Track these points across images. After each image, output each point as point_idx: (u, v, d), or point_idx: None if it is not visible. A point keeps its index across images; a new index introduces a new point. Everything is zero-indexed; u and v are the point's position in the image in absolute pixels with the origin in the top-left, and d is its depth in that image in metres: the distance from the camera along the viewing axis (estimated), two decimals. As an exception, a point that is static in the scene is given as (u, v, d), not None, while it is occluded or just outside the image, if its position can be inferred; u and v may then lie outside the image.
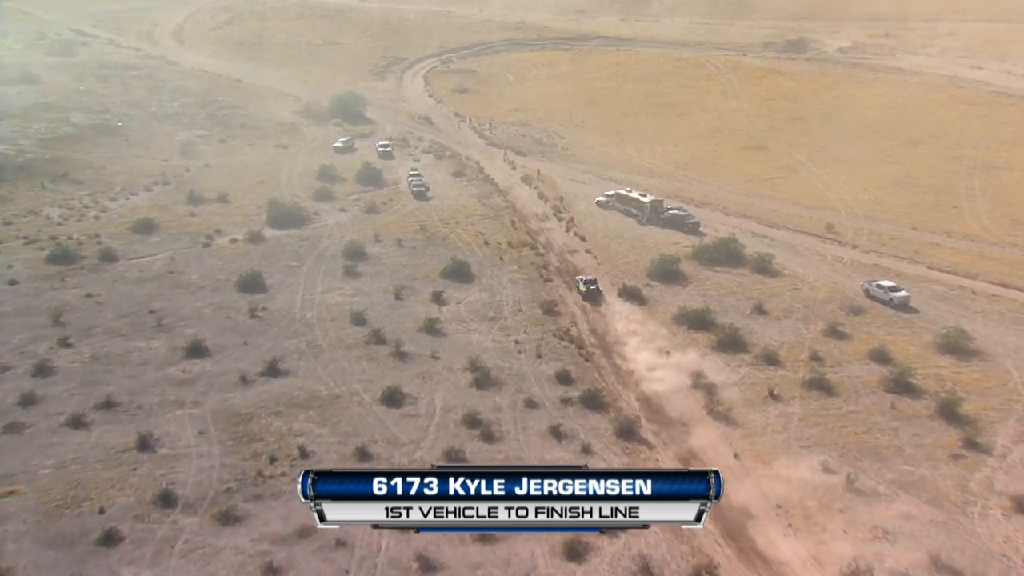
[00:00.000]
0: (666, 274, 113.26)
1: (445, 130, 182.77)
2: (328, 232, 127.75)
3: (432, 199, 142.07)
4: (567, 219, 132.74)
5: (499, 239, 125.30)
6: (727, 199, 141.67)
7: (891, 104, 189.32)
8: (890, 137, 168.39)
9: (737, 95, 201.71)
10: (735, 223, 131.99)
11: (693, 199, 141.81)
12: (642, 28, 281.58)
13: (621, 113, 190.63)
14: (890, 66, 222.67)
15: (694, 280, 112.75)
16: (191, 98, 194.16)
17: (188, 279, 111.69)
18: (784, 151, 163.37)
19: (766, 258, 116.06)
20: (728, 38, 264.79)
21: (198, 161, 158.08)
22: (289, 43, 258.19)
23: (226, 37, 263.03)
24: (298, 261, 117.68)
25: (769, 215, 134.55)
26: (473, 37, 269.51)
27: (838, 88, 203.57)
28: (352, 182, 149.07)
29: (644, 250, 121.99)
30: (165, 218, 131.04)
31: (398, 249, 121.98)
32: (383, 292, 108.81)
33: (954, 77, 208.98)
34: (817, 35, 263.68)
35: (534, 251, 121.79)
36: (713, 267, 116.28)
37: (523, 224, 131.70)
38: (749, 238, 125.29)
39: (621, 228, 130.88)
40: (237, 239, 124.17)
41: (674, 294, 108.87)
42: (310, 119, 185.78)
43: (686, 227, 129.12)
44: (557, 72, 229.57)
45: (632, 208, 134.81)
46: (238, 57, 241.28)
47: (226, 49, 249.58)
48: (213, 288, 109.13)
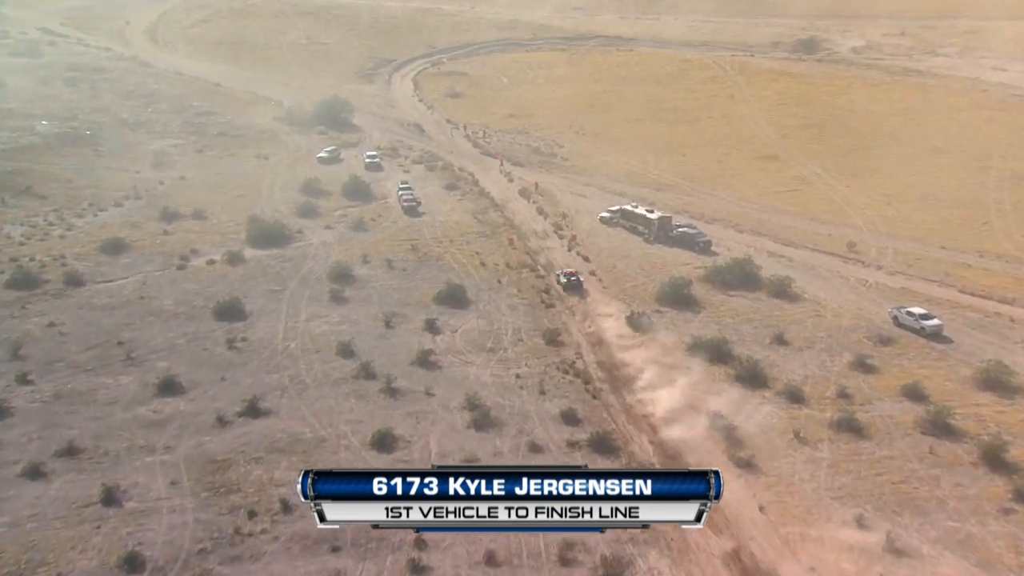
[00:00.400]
0: (677, 299, 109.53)
1: (436, 138, 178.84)
2: (313, 252, 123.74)
3: (424, 215, 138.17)
4: (569, 237, 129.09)
5: (496, 259, 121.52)
6: (739, 214, 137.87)
7: (910, 109, 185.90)
8: (911, 145, 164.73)
9: (746, 99, 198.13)
10: (749, 241, 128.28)
11: (703, 214, 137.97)
12: (643, 27, 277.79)
13: (623, 119, 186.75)
14: (907, 68, 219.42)
15: (708, 306, 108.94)
16: (165, 104, 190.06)
17: (161, 305, 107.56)
18: (798, 161, 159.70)
19: (784, 281, 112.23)
20: (734, 37, 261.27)
21: (172, 173, 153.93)
22: (270, 43, 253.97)
23: (203, 36, 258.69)
24: (280, 285, 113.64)
25: (785, 232, 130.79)
26: (465, 36, 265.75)
27: (853, 92, 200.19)
28: (338, 196, 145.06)
29: (653, 272, 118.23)
30: (136, 237, 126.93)
31: (388, 271, 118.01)
32: (372, 320, 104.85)
33: (977, 80, 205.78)
34: (828, 34, 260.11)
35: (534, 273, 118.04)
36: (728, 291, 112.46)
37: (522, 243, 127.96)
38: (765, 258, 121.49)
39: (627, 247, 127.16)
40: (214, 260, 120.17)
41: (686, 321, 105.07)
42: (293, 126, 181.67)
43: (697, 246, 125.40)
44: (554, 74, 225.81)
45: (638, 225, 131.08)
46: (216, 58, 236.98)
47: (203, 50, 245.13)
48: (188, 315, 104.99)
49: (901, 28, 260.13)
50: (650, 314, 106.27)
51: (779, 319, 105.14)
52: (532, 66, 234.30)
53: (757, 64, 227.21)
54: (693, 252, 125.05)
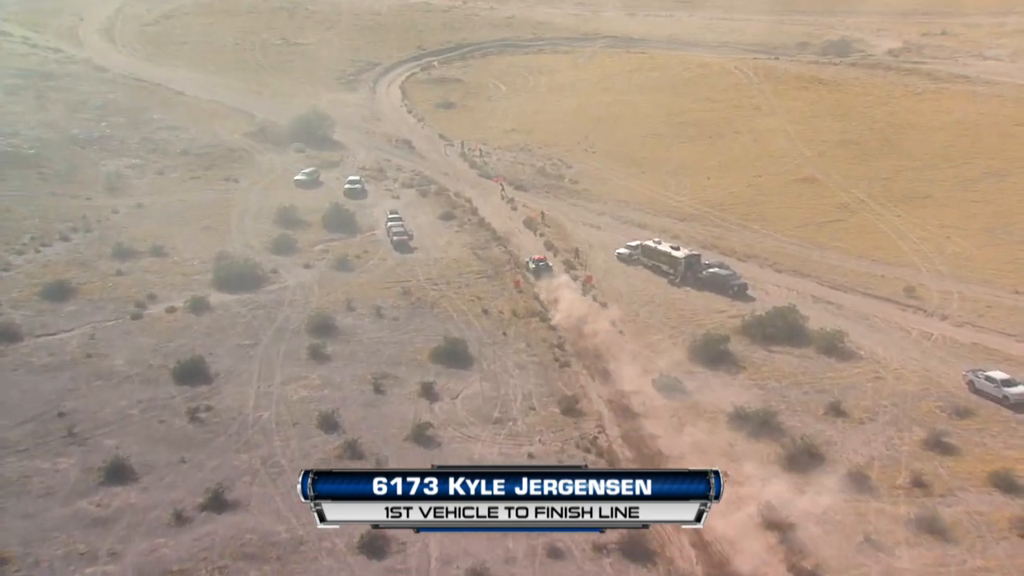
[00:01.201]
0: (712, 356, 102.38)
1: (429, 157, 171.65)
2: (289, 297, 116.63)
3: (416, 250, 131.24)
4: (584, 278, 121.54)
5: (501, 306, 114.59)
6: (777, 251, 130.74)
7: (962, 123, 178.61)
8: (967, 167, 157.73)
9: (774, 111, 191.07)
10: (790, 284, 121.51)
11: (735, 250, 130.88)
12: (654, 25, 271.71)
13: (638, 135, 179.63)
14: (953, 73, 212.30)
15: (748, 365, 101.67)
16: (122, 116, 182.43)
17: (111, 365, 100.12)
18: (839, 185, 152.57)
19: (836, 336, 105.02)
20: (755, 37, 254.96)
21: (128, 199, 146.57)
22: (240, 44, 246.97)
23: (165, 35, 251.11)
24: (252, 338, 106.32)
25: (831, 273, 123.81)
26: (457, 36, 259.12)
27: (894, 102, 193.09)
28: (318, 227, 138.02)
29: (681, 322, 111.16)
30: (85, 278, 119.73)
31: (376, 321, 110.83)
32: (359, 383, 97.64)
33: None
34: (861, 33, 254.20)
35: (545, 323, 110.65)
36: (769, 346, 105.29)
37: (529, 284, 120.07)
38: (810, 305, 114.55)
39: (650, 290, 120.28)
40: (175, 308, 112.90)
41: (724, 384, 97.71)
42: (266, 143, 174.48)
43: (731, 290, 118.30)
44: (558, 81, 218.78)
45: (662, 264, 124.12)
46: (179, 61, 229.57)
47: (165, 51, 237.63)
48: (143, 378, 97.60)
49: (942, 26, 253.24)
50: (681, 375, 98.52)
51: (832, 382, 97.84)
52: (533, 71, 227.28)
53: (784, 69, 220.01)
54: (726, 297, 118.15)
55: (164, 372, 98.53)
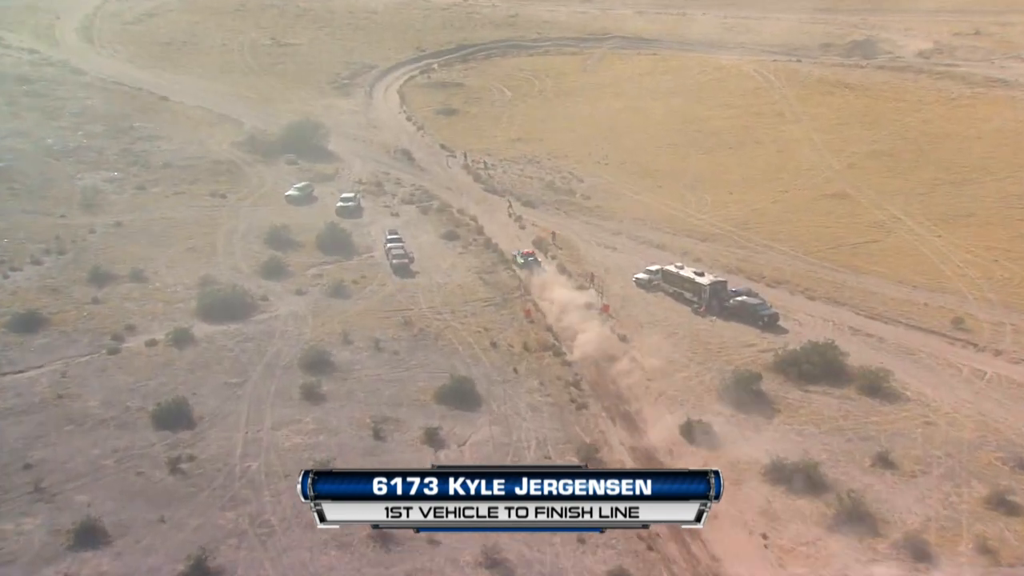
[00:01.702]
0: (744, 397, 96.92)
1: (430, 169, 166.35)
2: (281, 327, 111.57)
3: (418, 274, 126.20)
4: (601, 307, 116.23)
5: (511, 338, 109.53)
6: (808, 275, 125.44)
7: (1002, 132, 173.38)
8: (1010, 180, 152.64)
9: (798, 118, 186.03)
10: (824, 313, 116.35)
11: (763, 275, 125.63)
12: (666, 24, 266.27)
13: (653, 145, 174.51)
14: (989, 77, 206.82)
15: (783, 407, 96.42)
16: (100, 125, 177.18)
17: (84, 407, 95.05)
18: (872, 201, 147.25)
19: (880, 375, 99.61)
20: (774, 37, 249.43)
21: (106, 217, 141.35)
22: (228, 44, 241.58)
23: (148, 35, 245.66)
24: (240, 376, 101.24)
25: (869, 301, 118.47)
26: (457, 36, 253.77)
27: (927, 108, 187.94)
28: (312, 248, 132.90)
29: (708, 357, 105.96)
30: (57, 307, 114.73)
31: (375, 355, 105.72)
32: (357, 427, 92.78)
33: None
34: (887, 32, 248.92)
35: (559, 358, 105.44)
36: (806, 385, 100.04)
37: (541, 313, 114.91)
38: (847, 338, 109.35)
39: (672, 320, 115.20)
40: (156, 341, 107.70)
41: (757, 430, 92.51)
42: (256, 154, 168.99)
43: (760, 320, 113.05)
44: (566, 86, 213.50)
45: (685, 291, 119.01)
46: (163, 63, 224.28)
47: (148, 52, 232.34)
48: (119, 423, 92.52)
49: (975, 26, 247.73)
50: (710, 417, 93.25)
51: (878, 428, 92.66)
52: (539, 74, 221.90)
53: (807, 72, 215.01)
54: (756, 328, 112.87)
55: (143, 415, 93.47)
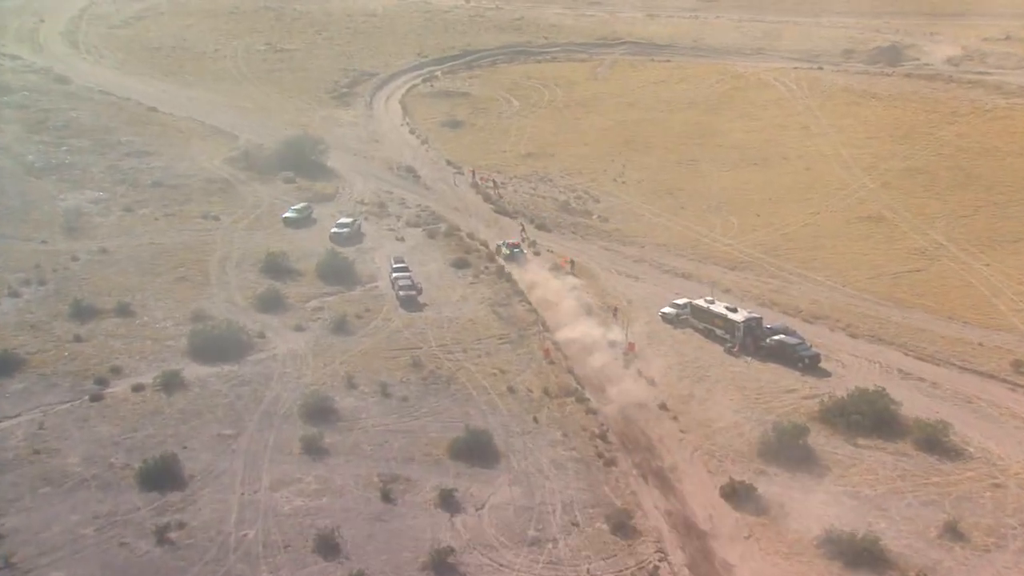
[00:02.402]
0: (789, 453, 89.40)
1: (435, 187, 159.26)
2: (279, 369, 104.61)
3: (426, 307, 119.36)
4: (625, 347, 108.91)
5: (529, 382, 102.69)
6: (848, 309, 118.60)
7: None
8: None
9: (824, 131, 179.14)
10: (869, 353, 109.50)
11: (799, 309, 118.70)
12: (678, 29, 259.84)
13: (673, 160, 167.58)
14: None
15: (833, 464, 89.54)
16: (85, 139, 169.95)
17: (63, 465, 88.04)
18: (911, 224, 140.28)
19: (938, 428, 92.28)
20: (793, 43, 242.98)
21: (90, 242, 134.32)
22: (221, 50, 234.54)
23: (136, 40, 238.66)
24: (234, 426, 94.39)
25: (918, 339, 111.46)
26: (461, 41, 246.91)
27: (962, 121, 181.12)
28: (311, 278, 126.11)
29: (745, 404, 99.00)
30: (36, 346, 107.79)
31: (382, 402, 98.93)
32: (363, 486, 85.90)
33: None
34: (912, 38, 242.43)
35: (583, 405, 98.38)
36: (856, 438, 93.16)
37: (560, 353, 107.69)
38: (896, 382, 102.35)
39: (704, 361, 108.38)
40: (143, 385, 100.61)
41: (807, 491, 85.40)
42: (250, 171, 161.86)
43: (801, 362, 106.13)
44: (577, 96, 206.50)
45: (716, 327, 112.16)
46: (152, 70, 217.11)
47: (137, 58, 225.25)
48: (102, 483, 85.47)
49: (1004, 30, 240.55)
50: (753, 475, 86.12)
51: (941, 491, 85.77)
52: (548, 83, 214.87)
53: (830, 81, 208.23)
54: (795, 370, 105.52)
55: (128, 474, 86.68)
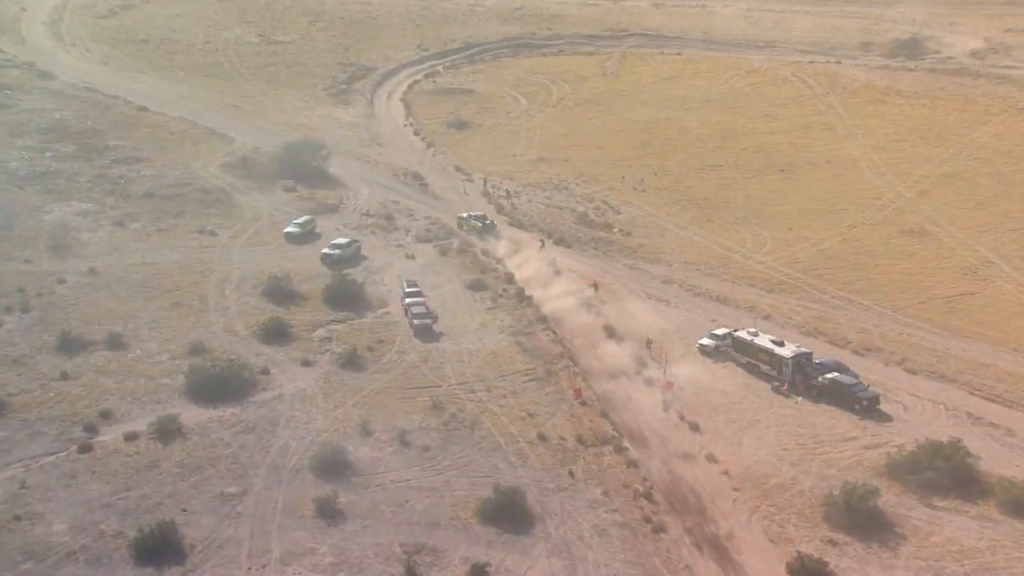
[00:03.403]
0: (857, 518, 79.48)
1: (445, 196, 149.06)
2: (286, 412, 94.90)
3: (443, 337, 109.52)
4: (663, 384, 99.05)
5: (561, 427, 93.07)
6: (901, 339, 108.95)
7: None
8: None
9: (851, 132, 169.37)
10: (931, 391, 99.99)
11: (847, 339, 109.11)
12: (686, 19, 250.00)
13: (694, 167, 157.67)
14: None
15: (908, 532, 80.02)
16: (71, 144, 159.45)
17: (47, 535, 78.67)
18: (957, 239, 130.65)
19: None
20: (807, 35, 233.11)
21: (78, 262, 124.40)
22: (212, 42, 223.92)
23: (123, 31, 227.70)
24: (239, 483, 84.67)
25: (982, 376, 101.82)
26: (462, 32, 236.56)
27: (996, 121, 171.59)
28: (317, 303, 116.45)
29: (802, 455, 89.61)
30: (19, 385, 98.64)
31: (401, 452, 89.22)
32: (384, 559, 76.76)
33: None
34: (929, 29, 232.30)
35: (622, 456, 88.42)
36: (931, 499, 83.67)
37: (592, 391, 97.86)
38: (967, 428, 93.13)
39: (750, 402, 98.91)
40: (137, 434, 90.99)
41: (885, 568, 76.47)
42: (249, 179, 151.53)
43: (858, 404, 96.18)
44: (586, 92, 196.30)
45: (761, 363, 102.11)
46: (140, 64, 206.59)
47: (124, 51, 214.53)
48: (91, 556, 76.16)
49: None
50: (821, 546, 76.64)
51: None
52: (555, 79, 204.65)
53: (851, 76, 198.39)
54: (853, 414, 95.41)
55: (120, 544, 77.18)
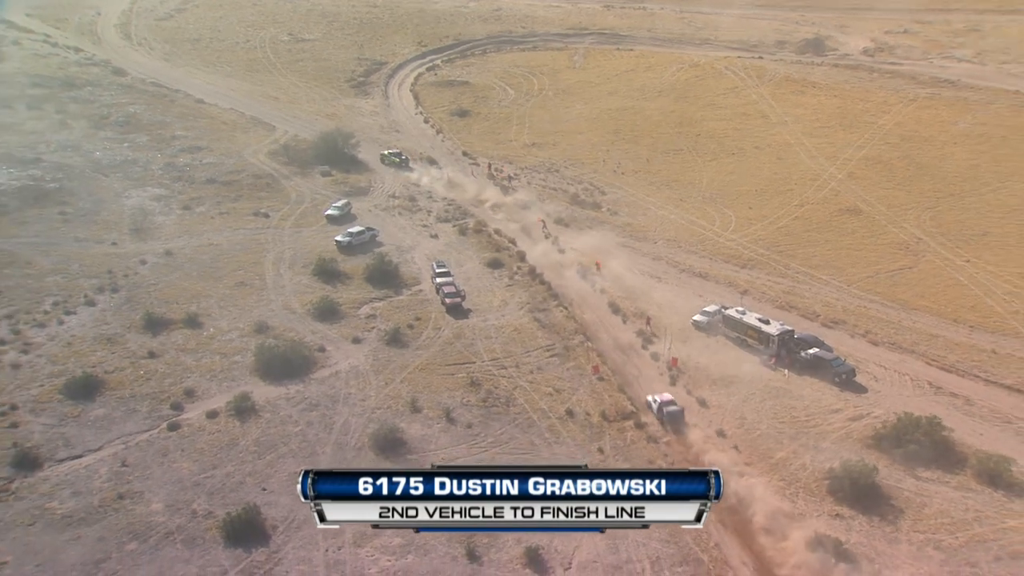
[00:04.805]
0: (859, 493, 68.61)
1: (457, 180, 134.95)
2: (343, 389, 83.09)
3: (471, 313, 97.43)
4: (669, 361, 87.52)
5: (585, 402, 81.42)
6: (860, 312, 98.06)
7: (970, 136, 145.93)
8: (1004, 191, 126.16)
9: (782, 119, 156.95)
10: (894, 362, 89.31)
11: (816, 313, 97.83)
12: (632, 19, 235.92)
13: (661, 150, 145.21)
14: (935, 77, 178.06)
15: (903, 504, 69.53)
16: (144, 135, 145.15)
17: (147, 514, 67.57)
18: (887, 217, 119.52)
19: (999, 463, 71.60)
20: (731, 34, 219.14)
21: (156, 244, 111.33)
22: (251, 41, 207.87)
23: (178, 32, 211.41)
24: (309, 462, 73.02)
25: (935, 347, 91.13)
26: (452, 30, 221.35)
27: (894, 110, 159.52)
28: (360, 281, 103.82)
29: (796, 427, 79.03)
30: (112, 365, 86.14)
31: (448, 429, 77.69)
32: (447, 541, 66.36)
33: (1017, 94, 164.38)
34: (826, 30, 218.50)
35: (642, 430, 76.97)
36: (915, 469, 73.13)
37: (606, 366, 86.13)
38: (931, 398, 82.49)
39: (742, 373, 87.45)
40: (217, 412, 79.06)
41: (890, 542, 65.83)
42: (291, 165, 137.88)
43: (836, 377, 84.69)
44: (561, 83, 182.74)
45: (749, 338, 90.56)
46: (194, 61, 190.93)
47: (180, 49, 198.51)
48: (187, 536, 65.03)
49: (901, 24, 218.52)
50: (833, 524, 65.93)
51: (1018, 536, 66.01)
52: (534, 71, 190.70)
53: (773, 70, 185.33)
54: (832, 385, 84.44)
55: (211, 525, 66.16)
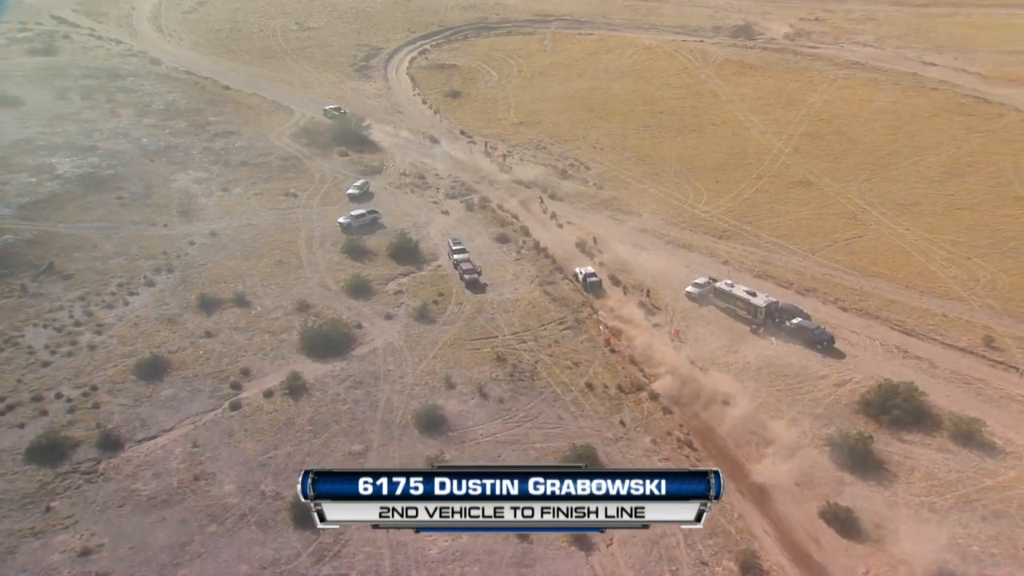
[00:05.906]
0: (857, 459, 62.28)
1: (457, 156, 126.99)
2: (382, 366, 75.63)
3: (488, 288, 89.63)
4: (671, 332, 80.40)
5: (602, 375, 74.59)
6: (827, 280, 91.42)
7: (885, 113, 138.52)
8: (922, 164, 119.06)
9: (730, 98, 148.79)
10: (863, 327, 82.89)
11: (790, 281, 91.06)
12: (588, 6, 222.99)
13: (631, 127, 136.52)
14: (849, 60, 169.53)
15: (895, 467, 63.73)
16: (182, 121, 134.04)
17: (222, 496, 60.88)
18: (831, 187, 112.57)
19: (971, 425, 65.64)
20: (672, 20, 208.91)
21: (201, 224, 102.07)
22: (263, 30, 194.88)
23: (202, 24, 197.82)
24: (360, 439, 66.20)
25: (895, 312, 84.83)
26: (436, 17, 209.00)
27: (821, 89, 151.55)
28: (385, 258, 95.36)
29: (791, 393, 72.86)
30: (176, 344, 78.50)
31: (482, 404, 70.52)
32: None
33: (915, 75, 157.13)
34: (751, 16, 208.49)
35: (657, 403, 70.07)
36: (899, 433, 67.09)
37: (616, 339, 78.99)
38: (900, 362, 76.53)
39: (737, 343, 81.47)
40: (272, 391, 71.55)
41: (889, 505, 59.30)
42: (312, 147, 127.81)
43: (819, 344, 77.97)
44: (537, 66, 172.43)
45: (738, 308, 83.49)
46: (218, 51, 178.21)
47: (206, 40, 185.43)
48: (260, 519, 58.23)
49: (812, 12, 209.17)
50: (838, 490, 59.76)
51: (998, 495, 59.69)
52: (512, 55, 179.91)
53: (714, 53, 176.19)
54: (815, 352, 77.75)
55: (280, 507, 58.95)
